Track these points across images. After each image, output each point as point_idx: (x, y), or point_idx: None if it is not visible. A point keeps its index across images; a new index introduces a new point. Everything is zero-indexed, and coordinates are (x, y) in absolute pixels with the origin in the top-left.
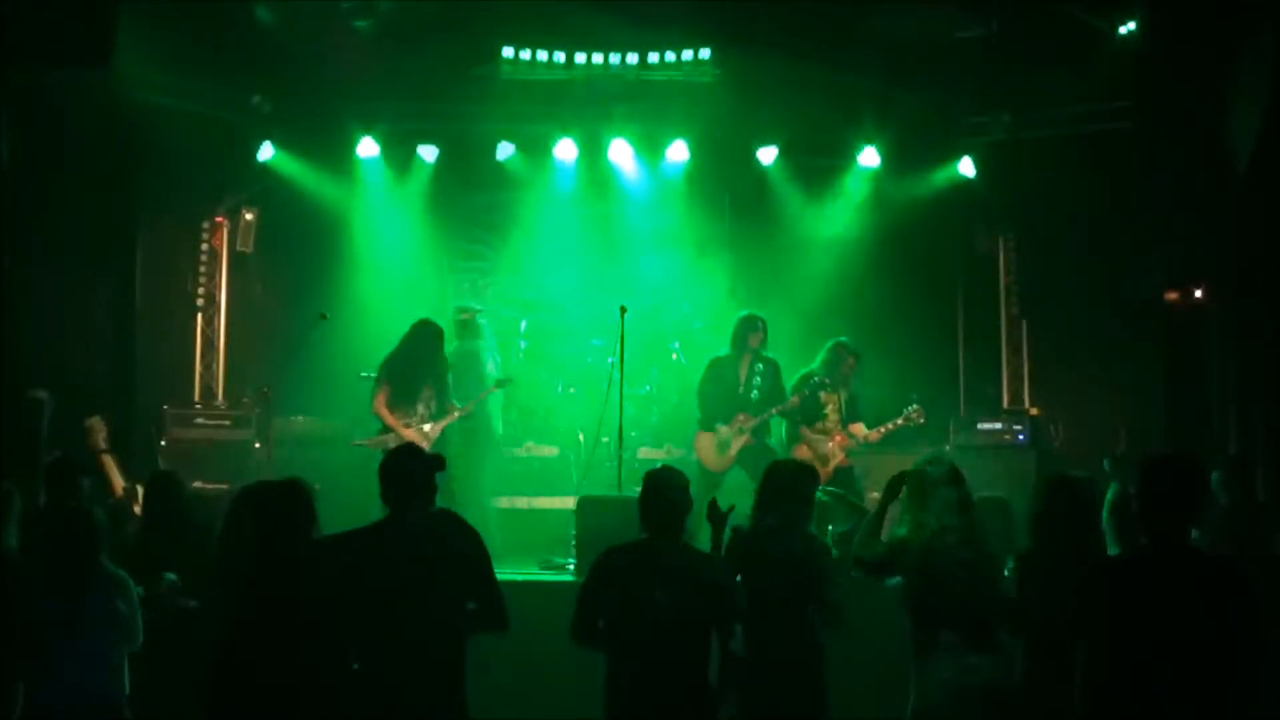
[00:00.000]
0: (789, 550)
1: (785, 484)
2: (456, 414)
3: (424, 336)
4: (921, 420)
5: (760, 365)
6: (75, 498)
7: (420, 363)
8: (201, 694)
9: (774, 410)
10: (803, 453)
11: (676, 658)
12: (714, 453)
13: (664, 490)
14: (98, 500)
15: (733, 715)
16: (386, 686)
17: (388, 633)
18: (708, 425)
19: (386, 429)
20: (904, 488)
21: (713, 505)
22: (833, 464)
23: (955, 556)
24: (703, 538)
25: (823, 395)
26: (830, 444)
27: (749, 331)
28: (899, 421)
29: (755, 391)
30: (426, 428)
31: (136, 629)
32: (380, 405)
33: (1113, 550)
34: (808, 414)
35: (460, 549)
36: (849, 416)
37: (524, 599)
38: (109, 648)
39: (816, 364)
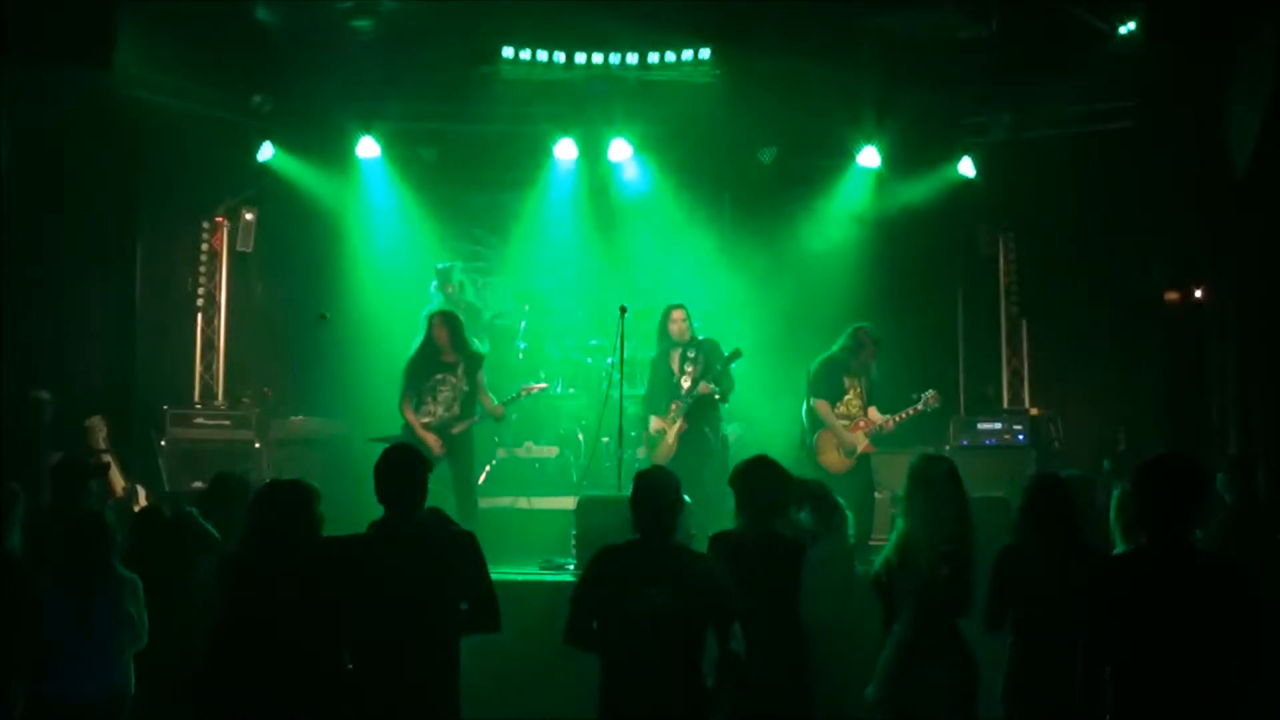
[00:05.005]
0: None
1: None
2: (499, 409)
3: (427, 327)
4: (936, 404)
5: (691, 352)
6: (82, 499)
7: (427, 354)
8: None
9: (699, 388)
10: (828, 440)
11: (670, 658)
12: (656, 447)
13: (655, 491)
14: (99, 500)
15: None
16: (379, 686)
17: (381, 632)
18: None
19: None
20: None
21: None
22: (859, 451)
23: (937, 555)
24: (702, 539)
25: (845, 380)
26: (855, 433)
27: (664, 324)
28: (918, 407)
29: (685, 378)
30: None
31: (143, 629)
32: (404, 405)
33: (1119, 550)
34: (831, 394)
35: (454, 550)
36: (869, 403)
37: (524, 599)
38: (117, 648)
39: (836, 349)
